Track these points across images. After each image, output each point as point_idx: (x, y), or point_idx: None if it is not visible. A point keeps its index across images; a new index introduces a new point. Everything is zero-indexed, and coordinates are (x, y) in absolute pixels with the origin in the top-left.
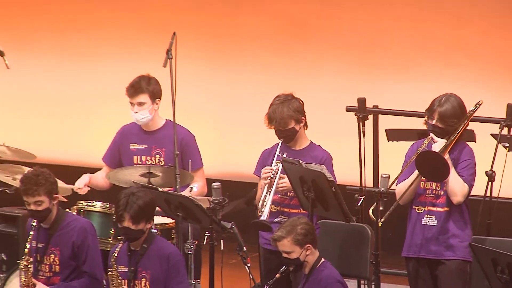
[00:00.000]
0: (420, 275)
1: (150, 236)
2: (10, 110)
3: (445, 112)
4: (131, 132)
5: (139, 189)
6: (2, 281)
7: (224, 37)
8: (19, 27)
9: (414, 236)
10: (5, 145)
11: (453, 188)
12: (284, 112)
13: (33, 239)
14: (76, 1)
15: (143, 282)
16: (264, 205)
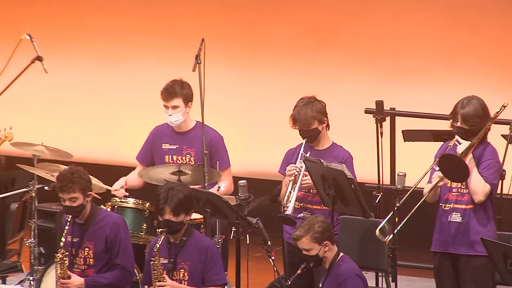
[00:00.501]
0: (444, 269)
1: (189, 229)
2: (49, 112)
3: (467, 113)
4: (163, 133)
5: (178, 184)
6: (41, 273)
7: (250, 43)
8: (56, 34)
9: (440, 232)
10: (44, 145)
11: (474, 187)
12: (308, 113)
13: (68, 234)
14: (109, 9)
15: (181, 273)
16: (289, 200)
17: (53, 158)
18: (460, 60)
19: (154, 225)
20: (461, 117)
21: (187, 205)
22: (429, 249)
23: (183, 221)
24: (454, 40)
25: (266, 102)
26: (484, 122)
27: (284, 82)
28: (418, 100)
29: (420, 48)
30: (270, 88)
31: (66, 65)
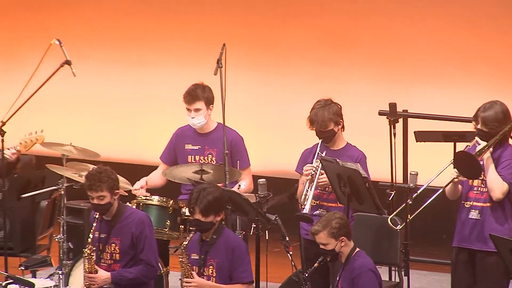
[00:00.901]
0: (461, 264)
1: (220, 228)
2: (77, 114)
3: (487, 117)
4: (186, 134)
5: (211, 185)
6: (69, 267)
7: (269, 47)
8: (84, 39)
9: (461, 228)
10: (72, 145)
11: (491, 185)
12: (324, 115)
13: (96, 230)
14: (135, 15)
15: (210, 269)
16: (306, 198)
17: (81, 158)
18: (471, 64)
19: (177, 222)
20: (481, 120)
21: (217, 207)
22: (440, 244)
23: (212, 221)
24: (466, 45)
25: (284, 104)
26: (503, 126)
27: (301, 85)
28: (430, 103)
29: (432, 52)
30: (288, 90)
31: (93, 68)
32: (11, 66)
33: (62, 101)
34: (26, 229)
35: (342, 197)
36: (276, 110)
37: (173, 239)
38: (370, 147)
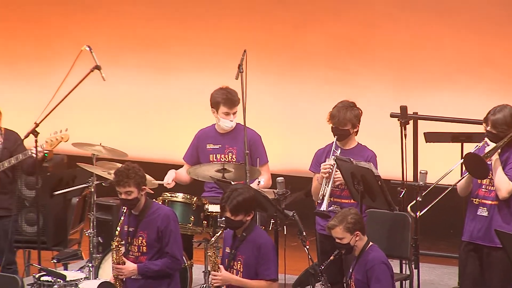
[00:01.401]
0: (469, 258)
1: (250, 226)
2: (106, 116)
3: (497, 120)
4: (207, 135)
5: (242, 186)
6: (99, 260)
7: (286, 53)
8: (113, 45)
9: (470, 224)
10: (102, 145)
11: (498, 184)
12: (346, 115)
13: (124, 224)
14: (160, 22)
15: (238, 264)
16: (324, 194)
17: (110, 157)
18: (477, 69)
19: (200, 217)
20: (491, 123)
21: (247, 207)
22: (448, 239)
23: (241, 220)
24: (471, 51)
25: (300, 107)
26: (511, 129)
27: (317, 89)
28: (438, 105)
29: (440, 58)
30: (304, 94)
31: (122, 73)
32: (44, 71)
33: (92, 103)
34: (58, 225)
35: (356, 194)
36: (293, 112)
37: (196, 233)
38: (382, 148)
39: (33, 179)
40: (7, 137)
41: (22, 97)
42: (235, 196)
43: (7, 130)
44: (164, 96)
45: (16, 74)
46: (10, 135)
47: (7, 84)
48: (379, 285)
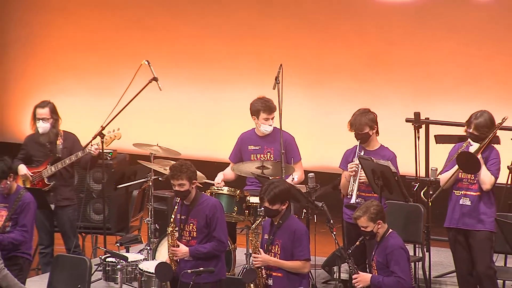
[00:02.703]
0: (458, 241)
1: (286, 214)
2: (162, 120)
3: (479, 123)
4: (249, 138)
5: (278, 180)
6: (156, 244)
7: (317, 66)
8: (168, 60)
9: (453, 213)
10: (158, 145)
11: (483, 179)
12: (362, 120)
13: (178, 213)
14: (209, 40)
15: (276, 248)
16: (352, 190)
17: (165, 156)
18: (479, 80)
19: (243, 208)
20: (474, 126)
21: (282, 197)
22: None
23: (278, 209)
24: (475, 64)
25: (328, 113)
26: (490, 131)
27: (342, 97)
28: (447, 112)
29: (449, 71)
30: (331, 101)
31: (176, 83)
32: (109, 81)
33: (150, 110)
34: (121, 213)
35: (376, 188)
36: (321, 117)
37: (239, 221)
38: (398, 148)
39: (100, 175)
40: (66, 138)
41: (89, 104)
42: (272, 188)
43: (65, 132)
44: (210, 104)
45: (85, 86)
46: (68, 136)
47: (76, 94)
48: (397, 267)
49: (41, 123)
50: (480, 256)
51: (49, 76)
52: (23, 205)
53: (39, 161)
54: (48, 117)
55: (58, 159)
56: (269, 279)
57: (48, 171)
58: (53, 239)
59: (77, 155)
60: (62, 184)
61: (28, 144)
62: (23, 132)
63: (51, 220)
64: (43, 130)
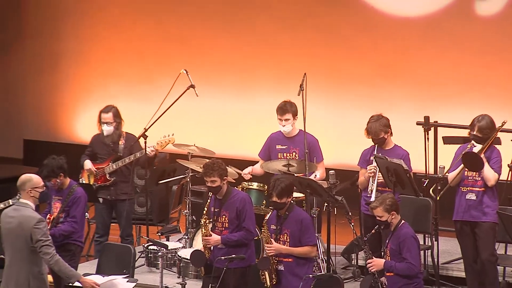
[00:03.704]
0: (464, 232)
1: (291, 206)
2: (198, 123)
3: (482, 126)
4: (277, 138)
5: (283, 176)
6: (193, 233)
7: (337, 74)
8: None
9: (460, 206)
10: (195, 146)
11: (488, 176)
12: (377, 127)
13: (211, 206)
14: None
15: (285, 236)
16: (371, 189)
17: (201, 155)
18: (483, 87)
19: None
20: (477, 128)
21: (288, 191)
22: None
23: (285, 202)
24: (479, 73)
25: (348, 117)
26: (492, 133)
27: (360, 103)
28: (453, 115)
29: (455, 78)
30: (350, 107)
31: (211, 90)
32: (149, 88)
33: (188, 114)
34: (162, 206)
35: (390, 183)
36: (341, 121)
37: (267, 214)
38: (409, 148)
39: (143, 171)
40: (127, 139)
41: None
42: (279, 184)
43: (127, 133)
44: (241, 108)
45: (128, 92)
46: (129, 137)
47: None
48: (409, 254)
49: (106, 126)
50: (484, 245)
51: (96, 83)
52: (74, 199)
53: (103, 158)
54: (112, 121)
55: (119, 157)
56: (280, 265)
57: (110, 168)
58: (108, 230)
59: (135, 155)
60: (122, 180)
61: (94, 142)
62: (74, 133)
63: (107, 213)
64: (107, 133)
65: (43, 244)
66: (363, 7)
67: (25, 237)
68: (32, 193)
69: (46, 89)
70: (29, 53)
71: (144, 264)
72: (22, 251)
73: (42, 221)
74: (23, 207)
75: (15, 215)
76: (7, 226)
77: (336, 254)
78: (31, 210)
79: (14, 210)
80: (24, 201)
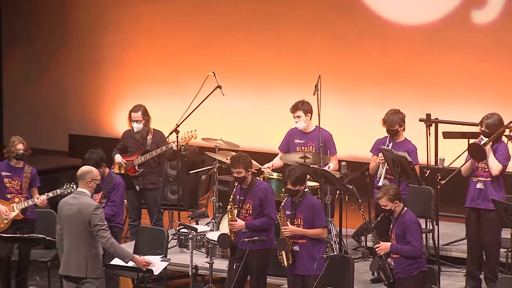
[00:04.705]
0: (471, 218)
1: (304, 193)
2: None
3: (489, 123)
4: (295, 133)
5: (297, 166)
6: (219, 218)
7: (348, 76)
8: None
9: (470, 194)
10: (222, 140)
11: (492, 166)
12: (393, 119)
13: (237, 194)
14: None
15: (299, 220)
16: (380, 174)
17: (227, 148)
18: (480, 88)
19: None
20: (485, 125)
21: (301, 179)
22: (460, 205)
23: (298, 189)
24: (477, 76)
25: (358, 115)
26: (499, 129)
27: (369, 102)
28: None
29: (454, 80)
30: (360, 105)
31: (235, 90)
32: (180, 89)
33: (215, 111)
34: (192, 194)
35: (395, 173)
36: (352, 118)
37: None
38: (414, 142)
39: (175, 163)
40: (155, 135)
41: (164, 107)
42: (293, 173)
43: (155, 130)
44: (263, 106)
45: (161, 93)
46: (157, 133)
47: (154, 99)
48: (412, 238)
49: (135, 124)
50: (489, 229)
51: (133, 85)
52: (114, 185)
53: (132, 152)
54: (141, 119)
55: (147, 151)
56: (295, 246)
57: (138, 160)
58: (140, 214)
59: (161, 149)
60: (149, 171)
61: (125, 137)
62: (114, 128)
63: (139, 200)
64: (137, 129)
65: (100, 228)
66: (372, 16)
67: (84, 222)
68: (90, 184)
69: (88, 89)
70: (73, 57)
71: (176, 245)
72: (81, 234)
73: (99, 207)
74: (81, 195)
75: (75, 203)
76: (67, 213)
77: (347, 237)
78: (88, 198)
79: (73, 198)
80: (82, 190)
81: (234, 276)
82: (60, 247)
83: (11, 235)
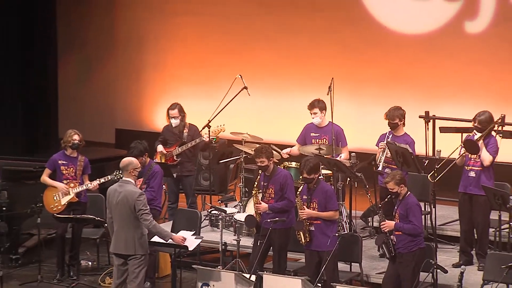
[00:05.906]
0: (465, 202)
1: (318, 180)
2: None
3: (482, 119)
4: (311, 128)
5: (311, 157)
6: (246, 201)
7: (356, 78)
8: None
9: (463, 181)
10: (248, 133)
11: (484, 159)
12: (394, 113)
13: (261, 181)
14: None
15: (314, 203)
16: (380, 161)
17: (252, 141)
18: (472, 89)
19: None
20: (478, 121)
21: (316, 168)
22: (454, 190)
23: (313, 177)
24: (470, 78)
25: (365, 112)
26: (490, 125)
27: (374, 101)
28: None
29: (449, 82)
30: (367, 104)
31: (260, 90)
32: (211, 90)
33: (242, 108)
34: (222, 180)
35: (398, 163)
36: (360, 115)
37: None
38: (413, 136)
39: (207, 154)
40: (190, 129)
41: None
42: (308, 163)
43: (190, 124)
44: (283, 104)
45: (195, 93)
46: (192, 127)
47: (189, 98)
48: (414, 218)
49: (173, 120)
50: (480, 212)
51: (171, 86)
52: (153, 173)
53: (171, 144)
54: (177, 115)
55: (184, 143)
56: (311, 226)
57: (176, 151)
58: (178, 198)
59: (196, 141)
60: (186, 160)
61: (164, 132)
62: (154, 123)
63: (177, 185)
64: (175, 124)
65: (143, 212)
66: (377, 27)
67: (129, 207)
68: (133, 173)
69: (132, 90)
70: (120, 62)
71: (208, 225)
72: (128, 218)
73: (142, 194)
74: (126, 184)
75: (121, 190)
76: (115, 199)
77: (356, 218)
78: (133, 186)
79: (119, 186)
80: (126, 178)
81: (258, 252)
82: (111, 228)
83: (66, 216)
